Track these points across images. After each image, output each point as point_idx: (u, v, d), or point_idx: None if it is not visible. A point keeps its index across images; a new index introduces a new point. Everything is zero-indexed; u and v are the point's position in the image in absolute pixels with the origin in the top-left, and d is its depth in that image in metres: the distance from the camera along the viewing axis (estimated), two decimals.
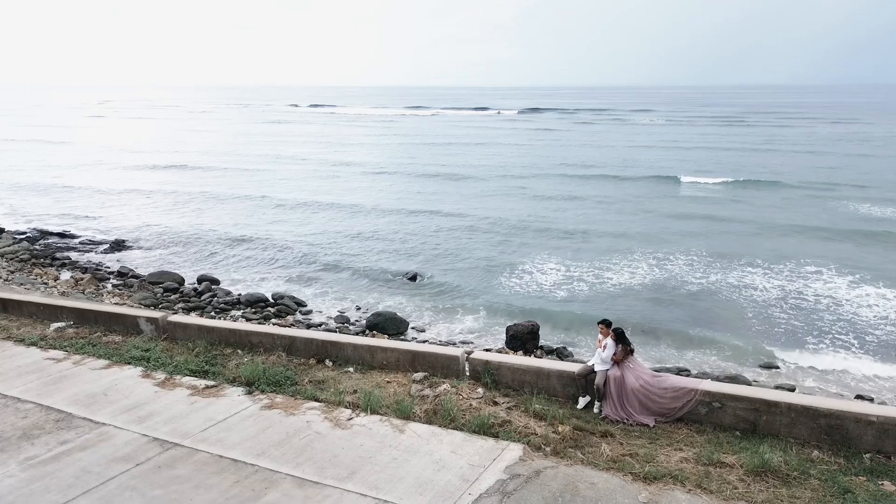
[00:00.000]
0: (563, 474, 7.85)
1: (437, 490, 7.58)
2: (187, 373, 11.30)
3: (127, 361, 11.94)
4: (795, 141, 76.39)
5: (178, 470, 8.26)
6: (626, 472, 7.80)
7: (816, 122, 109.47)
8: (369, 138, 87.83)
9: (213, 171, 54.38)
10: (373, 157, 64.35)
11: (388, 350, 10.95)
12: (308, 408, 9.86)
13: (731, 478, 7.58)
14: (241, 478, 8.03)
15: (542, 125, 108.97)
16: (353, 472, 8.06)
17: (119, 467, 8.35)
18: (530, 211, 36.77)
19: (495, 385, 10.04)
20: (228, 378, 11.02)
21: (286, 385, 10.58)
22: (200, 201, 41.07)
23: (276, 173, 52.71)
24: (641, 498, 7.29)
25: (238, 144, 77.53)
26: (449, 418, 9.15)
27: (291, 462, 8.34)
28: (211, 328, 12.59)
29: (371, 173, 52.46)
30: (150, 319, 13.26)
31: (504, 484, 7.66)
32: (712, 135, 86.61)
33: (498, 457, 8.27)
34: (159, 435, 9.17)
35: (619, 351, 9.29)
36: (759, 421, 8.50)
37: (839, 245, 28.65)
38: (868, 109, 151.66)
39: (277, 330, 12.44)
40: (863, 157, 59.82)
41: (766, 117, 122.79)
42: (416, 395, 9.88)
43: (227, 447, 8.79)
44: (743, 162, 56.83)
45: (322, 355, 11.46)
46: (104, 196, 43.08)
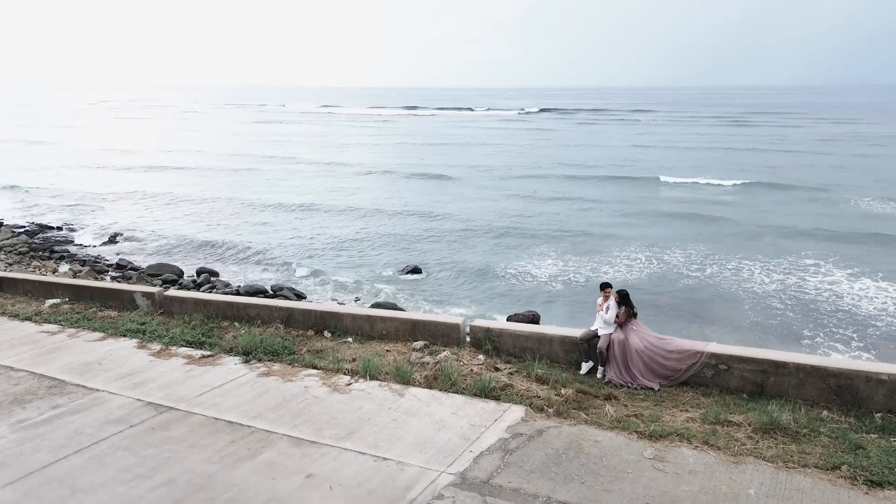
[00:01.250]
0: (567, 433, 7.66)
1: (437, 448, 7.40)
2: (183, 344, 11.12)
3: (122, 334, 11.77)
4: (798, 141, 76.26)
5: (172, 431, 8.08)
6: (630, 431, 7.61)
7: (818, 122, 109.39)
8: (369, 138, 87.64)
9: (211, 170, 54.07)
10: (371, 157, 64.01)
11: (387, 320, 10.77)
12: (306, 374, 9.69)
13: (739, 435, 7.40)
14: (236, 438, 7.85)
15: (541, 125, 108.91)
16: (351, 432, 7.88)
17: (112, 429, 8.16)
18: (528, 210, 36.50)
19: (496, 352, 9.85)
20: (225, 348, 10.84)
21: (284, 354, 10.39)
22: (198, 201, 40.76)
23: (273, 173, 52.35)
24: (647, 454, 7.10)
25: (243, 144, 77.20)
26: (449, 383, 8.96)
27: (288, 424, 8.15)
28: (207, 301, 12.41)
29: (369, 173, 52.13)
30: (147, 294, 13.08)
31: (506, 442, 7.48)
32: (713, 135, 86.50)
33: (500, 417, 8.09)
34: (154, 400, 8.99)
35: (621, 313, 9.11)
36: (766, 383, 8.32)
37: (842, 244, 28.31)
38: (869, 110, 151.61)
39: (275, 302, 12.27)
40: (864, 156, 59.66)
41: (767, 117, 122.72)
42: (415, 363, 9.70)
43: (223, 410, 8.60)
44: (744, 161, 56.63)
45: (321, 326, 11.28)
46: (101, 194, 42.82)
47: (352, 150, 70.03)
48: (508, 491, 6.53)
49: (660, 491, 6.43)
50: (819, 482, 6.49)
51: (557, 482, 6.65)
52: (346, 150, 69.89)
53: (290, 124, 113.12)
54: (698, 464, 6.91)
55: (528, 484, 6.63)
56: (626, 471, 6.82)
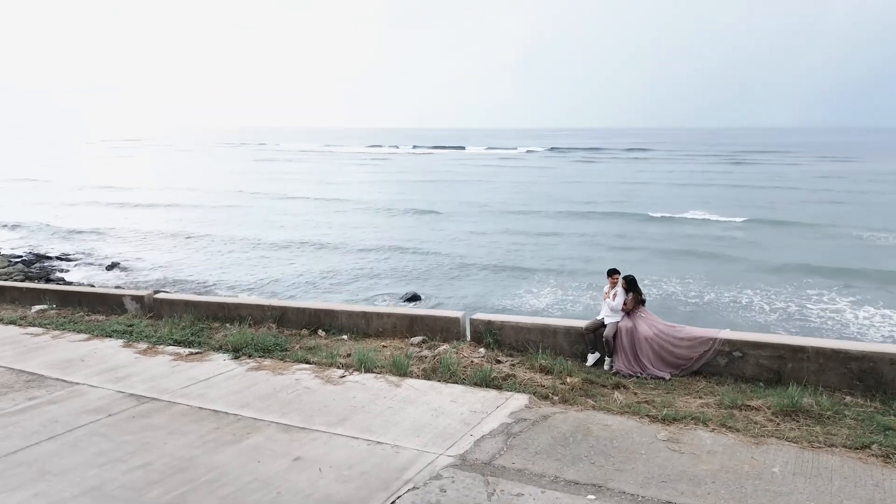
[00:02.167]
0: (574, 418, 7.17)
1: (435, 433, 6.91)
2: (171, 343, 10.67)
3: (108, 335, 11.34)
4: (796, 178, 76.32)
5: (153, 419, 7.59)
6: (642, 415, 7.12)
7: (815, 160, 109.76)
8: (368, 175, 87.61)
9: (215, 207, 53.57)
10: (369, 193, 63.41)
11: (384, 316, 10.33)
12: (298, 368, 9.21)
13: (758, 418, 6.91)
14: (221, 425, 7.35)
15: (539, 163, 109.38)
16: (343, 419, 7.39)
17: (89, 417, 7.68)
18: (526, 243, 36.00)
19: (498, 345, 9.39)
20: (214, 346, 10.39)
21: (275, 351, 9.94)
22: (199, 237, 40.07)
23: (271, 210, 51.52)
24: (661, 436, 6.61)
25: (245, 181, 76.61)
26: (449, 373, 8.49)
27: (277, 412, 7.67)
28: (198, 303, 11.98)
29: (367, 209, 51.61)
30: (136, 298, 12.65)
31: (509, 427, 6.98)
32: (712, 172, 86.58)
33: (502, 405, 7.60)
34: (136, 391, 8.52)
35: (629, 300, 8.69)
36: (783, 369, 7.85)
37: (844, 275, 27.73)
38: (865, 148, 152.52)
39: (268, 301, 11.83)
40: (862, 192, 59.59)
41: (765, 156, 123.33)
42: (413, 356, 9.23)
43: (208, 400, 8.12)
44: (742, 198, 56.35)
45: (315, 325, 10.83)
46: (99, 228, 42.43)
47: (351, 187, 69.95)
48: (512, 471, 6.03)
49: (676, 470, 5.94)
50: (848, 461, 5.99)
51: (565, 462, 6.15)
52: (346, 187, 69.86)
53: (289, 162, 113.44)
54: (716, 445, 6.41)
55: (533, 464, 6.13)
56: (639, 452, 6.32)
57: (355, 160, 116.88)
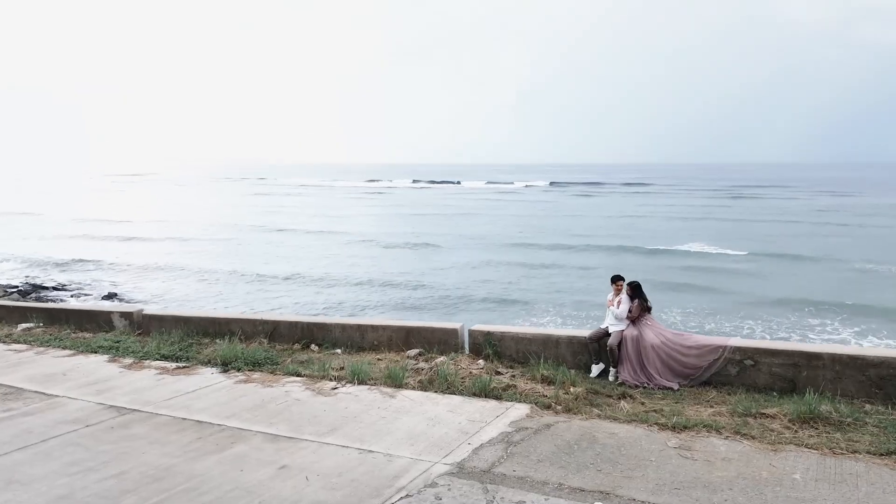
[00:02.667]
0: (578, 426, 6.77)
1: (430, 442, 6.50)
2: (158, 357, 10.27)
3: (93, 350, 10.93)
4: (797, 211, 76.18)
5: (133, 430, 7.17)
6: (650, 423, 6.72)
7: (815, 194, 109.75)
8: (367, 208, 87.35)
9: (215, 240, 53.06)
10: (368, 227, 62.85)
11: (379, 328, 9.95)
12: (288, 381, 8.81)
13: (775, 426, 6.51)
14: (204, 435, 6.94)
15: (538, 197, 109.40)
16: (334, 428, 6.98)
17: (65, 428, 7.26)
18: (526, 275, 35.51)
19: (498, 357, 9.00)
20: (203, 361, 9.98)
21: (266, 365, 9.54)
22: (199, 270, 39.55)
23: (269, 244, 50.97)
24: (671, 444, 6.21)
25: (246, 215, 76.48)
26: (446, 384, 8.10)
27: (264, 422, 7.26)
28: (188, 318, 11.61)
29: (363, 241, 51.08)
30: (125, 314, 12.29)
31: (509, 436, 6.57)
32: (712, 206, 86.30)
33: (502, 414, 7.20)
34: (117, 403, 8.11)
35: (634, 306, 8.33)
36: (798, 377, 7.46)
37: (846, 306, 27.23)
38: (864, 184, 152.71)
39: (259, 315, 11.45)
40: (862, 226, 59.32)
41: (765, 190, 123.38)
42: (409, 368, 8.84)
43: (193, 411, 7.71)
44: (743, 231, 56.00)
45: (308, 339, 10.44)
46: (99, 260, 42.00)
47: (349, 220, 69.47)
48: (513, 478, 5.62)
49: (690, 477, 5.53)
50: (874, 467, 5.58)
51: (569, 470, 5.74)
52: (343, 220, 69.45)
53: (288, 196, 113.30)
54: (731, 452, 6.00)
55: (535, 472, 5.72)
56: (649, 459, 5.91)
57: (354, 194, 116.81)
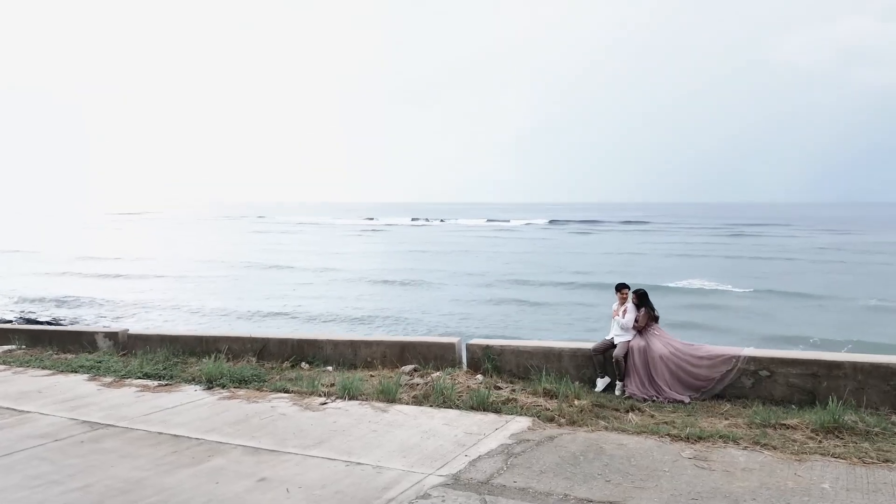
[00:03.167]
0: (584, 438, 6.27)
1: (424, 454, 6.00)
2: (140, 376, 9.76)
3: (74, 370, 10.43)
4: (798, 249, 75.75)
5: (104, 444, 6.67)
6: (662, 435, 6.23)
7: (815, 232, 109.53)
8: (365, 246, 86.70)
9: (215, 277, 52.43)
10: (364, 264, 61.94)
11: (372, 344, 9.49)
12: (275, 397, 8.32)
13: (797, 437, 6.02)
14: (179, 449, 6.44)
15: (537, 234, 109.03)
16: (320, 441, 6.49)
17: (33, 442, 6.76)
18: (520, 312, 34.66)
19: (497, 371, 8.52)
20: (186, 379, 9.49)
21: (252, 382, 9.05)
22: (194, 306, 39.01)
23: (265, 280, 50.26)
24: (686, 454, 5.71)
25: (244, 252, 75.94)
26: (442, 398, 7.61)
27: (246, 436, 6.76)
28: (175, 337, 11.14)
29: (360, 279, 50.30)
30: (109, 335, 11.82)
31: (509, 447, 6.08)
32: (713, 244, 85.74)
33: (502, 427, 6.70)
34: (91, 419, 7.61)
35: (641, 315, 7.89)
36: (818, 388, 6.99)
37: (850, 340, 26.64)
38: (863, 222, 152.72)
39: (248, 333, 10.98)
40: (863, 263, 58.82)
41: (765, 228, 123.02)
42: (404, 384, 8.35)
43: (171, 426, 7.21)
44: (745, 269, 55.39)
45: (298, 357, 9.96)
46: (95, 297, 41.42)
47: (345, 258, 68.67)
48: (514, 489, 5.12)
49: (708, 488, 5.03)
50: None
51: (575, 481, 5.24)
52: (340, 257, 68.65)
53: (285, 234, 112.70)
54: (752, 462, 5.51)
55: (538, 483, 5.22)
56: (662, 469, 5.42)
57: (352, 232, 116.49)
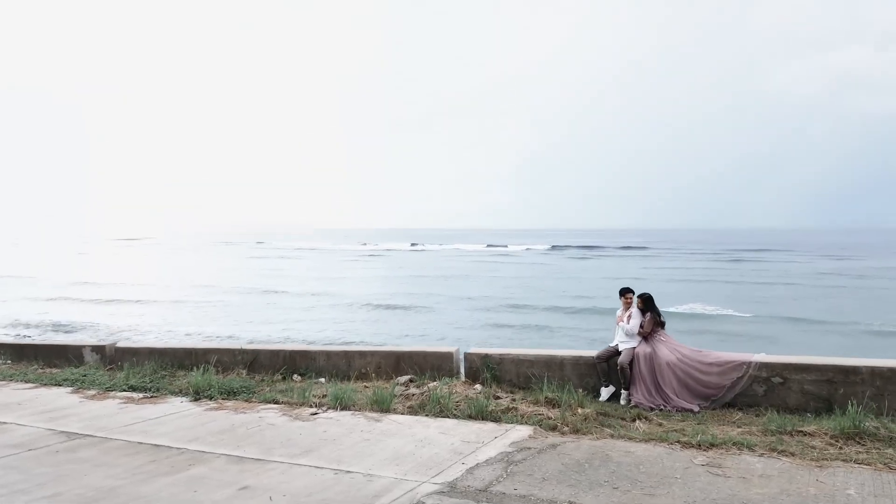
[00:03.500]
0: (588, 445, 5.90)
1: (418, 462, 5.63)
2: (125, 388, 9.38)
3: (58, 383, 10.04)
4: (799, 274, 75.26)
5: (79, 454, 6.30)
6: (671, 442, 5.86)
7: (815, 258, 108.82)
8: (362, 271, 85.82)
9: (211, 303, 52.21)
10: (360, 289, 61.29)
11: (367, 354, 9.12)
12: (264, 408, 7.94)
13: (816, 443, 5.66)
14: (159, 458, 6.06)
15: (537, 260, 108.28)
16: (308, 450, 6.11)
17: (5, 452, 6.40)
18: (519, 337, 34.12)
19: (496, 381, 8.15)
20: (173, 391, 9.11)
21: (241, 393, 8.67)
22: (189, 331, 38.49)
23: (258, 306, 49.55)
24: (698, 461, 5.34)
25: (240, 278, 75.44)
26: (438, 408, 7.24)
27: (230, 445, 6.38)
28: (163, 350, 10.77)
29: (352, 304, 49.57)
30: (96, 348, 11.44)
31: (509, 455, 5.71)
32: (715, 269, 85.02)
33: (501, 435, 6.33)
34: (70, 429, 7.23)
35: (646, 321, 7.55)
36: (834, 396, 6.63)
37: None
38: (862, 248, 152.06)
39: (239, 345, 10.61)
40: (863, 288, 58.28)
41: (766, 254, 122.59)
42: (398, 395, 7.98)
43: (151, 436, 6.83)
44: (747, 294, 54.73)
45: (290, 369, 9.59)
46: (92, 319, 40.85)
47: (342, 282, 67.70)
48: (514, 497, 4.74)
49: (724, 494, 4.66)
50: None
51: (580, 488, 4.87)
52: (337, 282, 67.81)
53: (283, 259, 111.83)
54: (769, 469, 5.14)
55: (540, 490, 4.85)
56: (674, 476, 5.05)
57: (351, 256, 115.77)
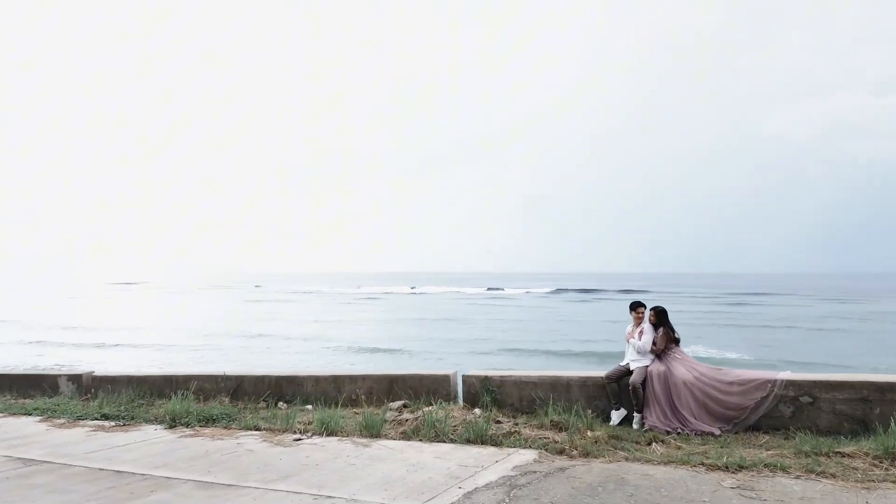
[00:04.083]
0: (601, 469, 5.26)
1: (409, 486, 4.99)
2: (98, 417, 8.72)
3: (28, 413, 9.38)
4: (800, 317, 74.35)
5: (34, 480, 5.65)
6: (694, 464, 5.23)
7: (815, 301, 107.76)
8: (360, 314, 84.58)
9: (206, 347, 51.31)
10: (355, 333, 60.12)
11: (358, 379, 8.49)
12: (243, 434, 7.28)
13: (857, 464, 5.03)
14: (119, 484, 5.41)
15: (537, 303, 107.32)
16: (287, 476, 5.46)
17: None
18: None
19: (497, 405, 7.50)
20: (148, 419, 8.44)
21: (221, 420, 8.02)
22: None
23: (249, 350, 48.58)
24: (727, 484, 4.71)
25: (232, 322, 74.54)
26: (434, 432, 6.60)
27: (201, 471, 5.73)
28: (143, 378, 10.12)
29: (350, 349, 48.61)
30: (73, 377, 10.78)
31: (512, 479, 5.07)
32: (715, 312, 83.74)
33: (503, 459, 5.69)
34: (29, 456, 6.57)
35: (659, 337, 6.96)
36: (870, 416, 6.00)
37: None
38: (860, 292, 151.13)
39: (222, 371, 9.94)
40: (873, 331, 57.38)
41: (765, 298, 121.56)
42: (391, 420, 7.33)
43: (116, 463, 6.18)
44: (749, 337, 54.00)
45: (276, 395, 8.93)
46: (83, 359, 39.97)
47: (337, 326, 66.38)
48: None
49: None
50: None
51: None
52: (331, 326, 66.57)
53: (279, 303, 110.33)
54: (809, 491, 4.51)
55: None
56: (701, 500, 4.41)
57: (348, 300, 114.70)
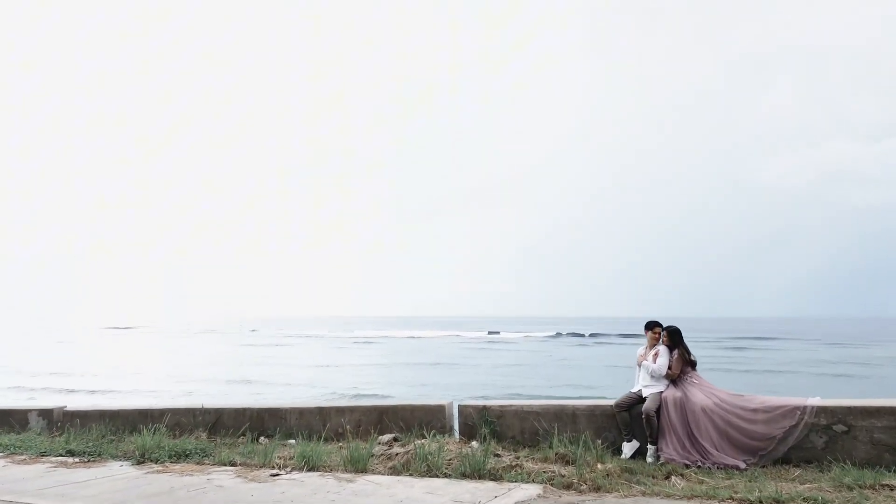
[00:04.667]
0: (615, 503, 4.60)
1: None
2: (62, 453, 8.02)
3: None
4: (805, 361, 73.30)
5: None
6: (722, 499, 4.57)
7: (817, 346, 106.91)
8: (354, 359, 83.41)
9: (201, 393, 50.29)
10: (347, 379, 58.77)
11: (345, 411, 7.82)
12: (216, 470, 6.60)
13: None
14: None
15: (536, 347, 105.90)
16: None
17: None
18: None
19: (496, 437, 6.84)
20: (116, 455, 7.75)
21: (194, 455, 7.33)
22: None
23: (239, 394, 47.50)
24: None
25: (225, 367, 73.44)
26: (426, 467, 5.93)
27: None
28: (116, 412, 9.43)
29: (333, 394, 47.23)
30: (43, 412, 10.08)
31: None
32: (718, 357, 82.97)
33: (503, 495, 5.03)
34: None
35: (674, 360, 6.34)
36: None
37: None
38: (862, 336, 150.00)
39: (199, 404, 9.24)
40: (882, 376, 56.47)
41: (766, 342, 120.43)
42: (379, 455, 6.66)
43: (69, 499, 5.52)
44: (750, 381, 53.04)
45: (257, 430, 8.26)
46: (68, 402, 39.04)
47: (330, 371, 65.41)
48: None
49: None
50: None
51: None
52: (330, 371, 65.46)
53: (274, 347, 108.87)
54: None
55: None
56: None
57: (345, 344, 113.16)
